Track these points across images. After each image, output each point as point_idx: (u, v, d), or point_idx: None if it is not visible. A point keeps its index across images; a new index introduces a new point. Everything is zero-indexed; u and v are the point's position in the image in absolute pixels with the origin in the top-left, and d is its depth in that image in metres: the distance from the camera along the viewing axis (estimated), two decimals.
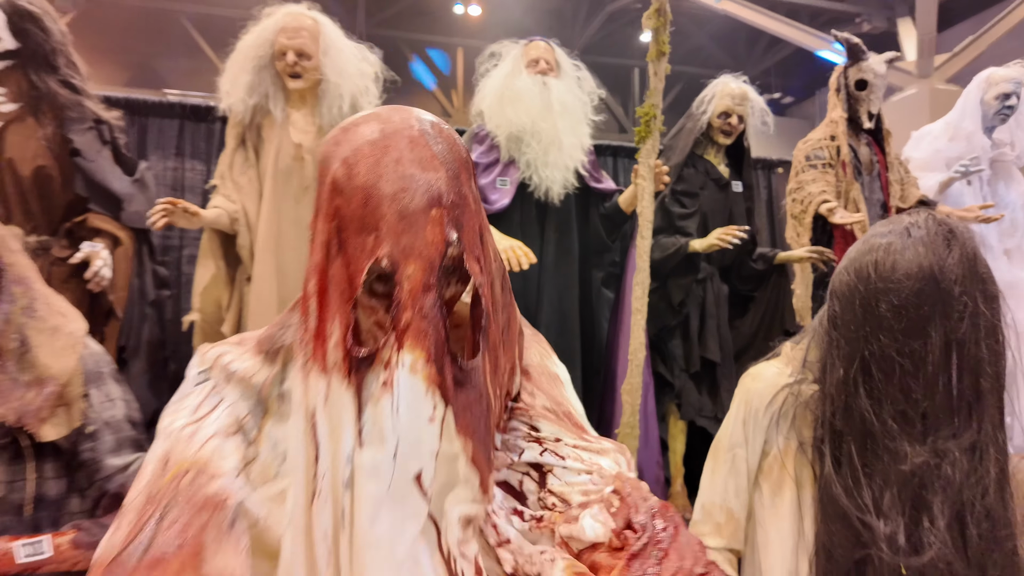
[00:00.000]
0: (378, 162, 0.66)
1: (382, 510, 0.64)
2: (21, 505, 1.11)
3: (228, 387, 0.74)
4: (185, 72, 10.19)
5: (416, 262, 0.66)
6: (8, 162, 1.75)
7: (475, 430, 0.73)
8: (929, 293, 0.99)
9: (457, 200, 0.68)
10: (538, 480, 0.81)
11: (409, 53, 10.54)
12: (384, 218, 0.65)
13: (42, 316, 1.16)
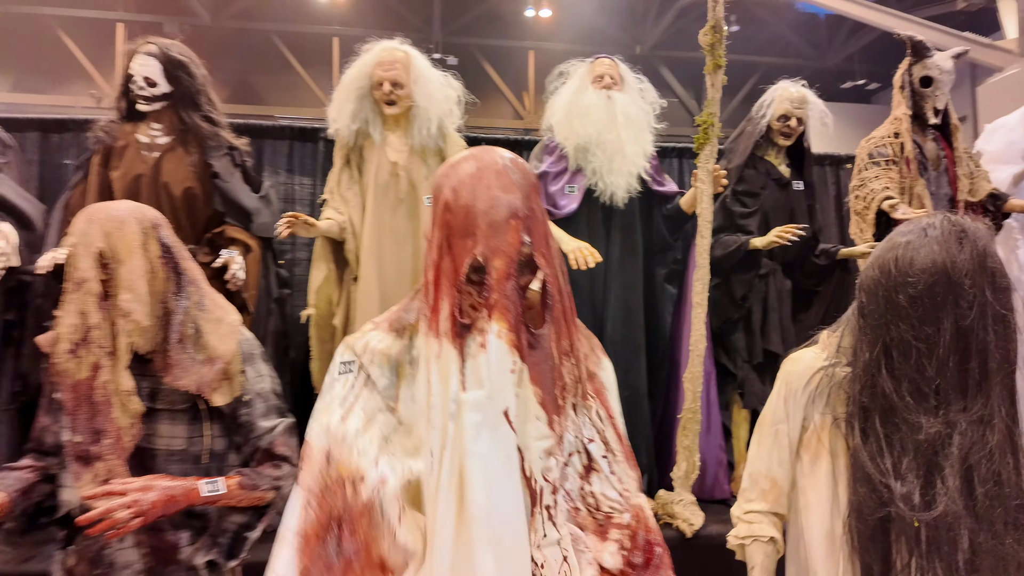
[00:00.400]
0: (475, 188, 0.95)
1: (482, 432, 0.91)
2: (199, 456, 1.45)
3: (372, 366, 1.02)
4: (278, 87, 10.97)
5: (501, 258, 0.94)
6: (164, 185, 2.16)
7: (543, 381, 1.00)
8: (942, 285, 1.14)
9: (528, 213, 0.96)
10: (586, 465, 1.05)
11: (483, 59, 10.88)
12: (479, 227, 0.94)
13: (209, 309, 1.50)
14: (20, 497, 1.43)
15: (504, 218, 0.94)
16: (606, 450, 1.05)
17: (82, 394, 1.32)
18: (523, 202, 0.97)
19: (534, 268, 1.01)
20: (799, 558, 1.38)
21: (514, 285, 0.95)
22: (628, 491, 1.05)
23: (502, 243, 0.94)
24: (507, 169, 0.98)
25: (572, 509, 1.02)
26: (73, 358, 1.33)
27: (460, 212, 0.95)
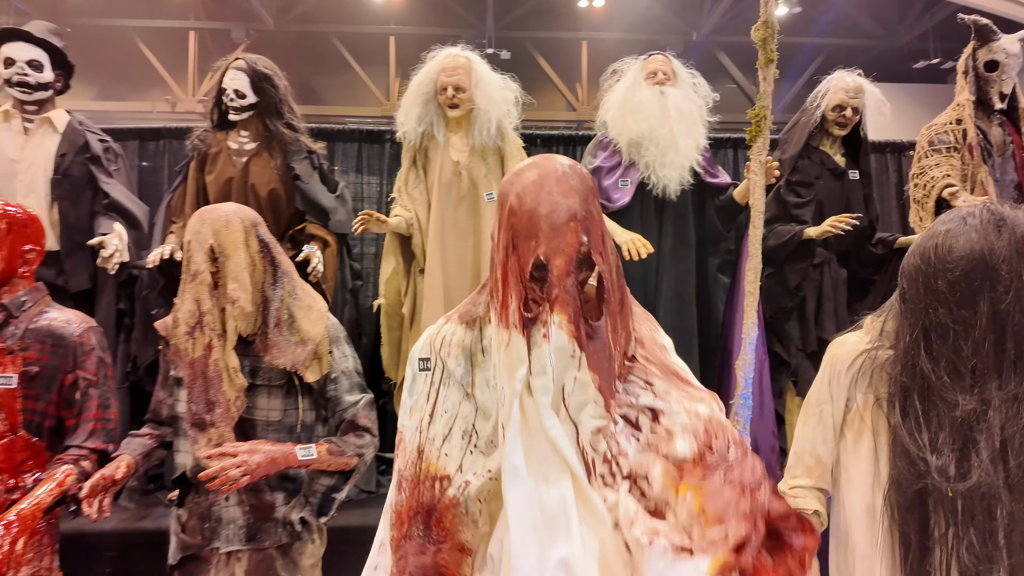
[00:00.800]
0: (537, 194, 1.06)
1: (547, 412, 1.04)
2: (293, 426, 1.66)
3: (449, 359, 1.18)
4: (337, 87, 11.38)
5: (561, 257, 1.05)
6: (251, 186, 2.40)
7: (600, 368, 1.11)
8: (979, 271, 1.22)
9: (586, 215, 1.07)
10: (651, 418, 1.14)
11: (535, 51, 10.96)
12: (541, 229, 1.05)
13: (301, 297, 1.71)
14: (143, 460, 1.68)
15: (564, 221, 1.05)
16: (657, 396, 1.13)
17: (198, 370, 1.55)
18: (581, 205, 1.07)
19: (592, 265, 1.12)
20: (840, 530, 1.47)
21: (573, 281, 1.06)
22: (695, 411, 1.11)
23: (562, 244, 1.05)
24: (566, 175, 1.08)
25: (643, 447, 1.10)
26: (190, 339, 1.55)
27: (524, 216, 1.06)
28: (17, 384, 1.68)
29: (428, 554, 1.14)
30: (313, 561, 1.71)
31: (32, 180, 2.38)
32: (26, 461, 1.69)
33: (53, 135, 2.44)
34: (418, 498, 1.15)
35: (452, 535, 1.13)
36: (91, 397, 1.76)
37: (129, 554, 2.09)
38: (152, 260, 2.22)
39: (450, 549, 1.13)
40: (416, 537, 1.14)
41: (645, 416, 1.14)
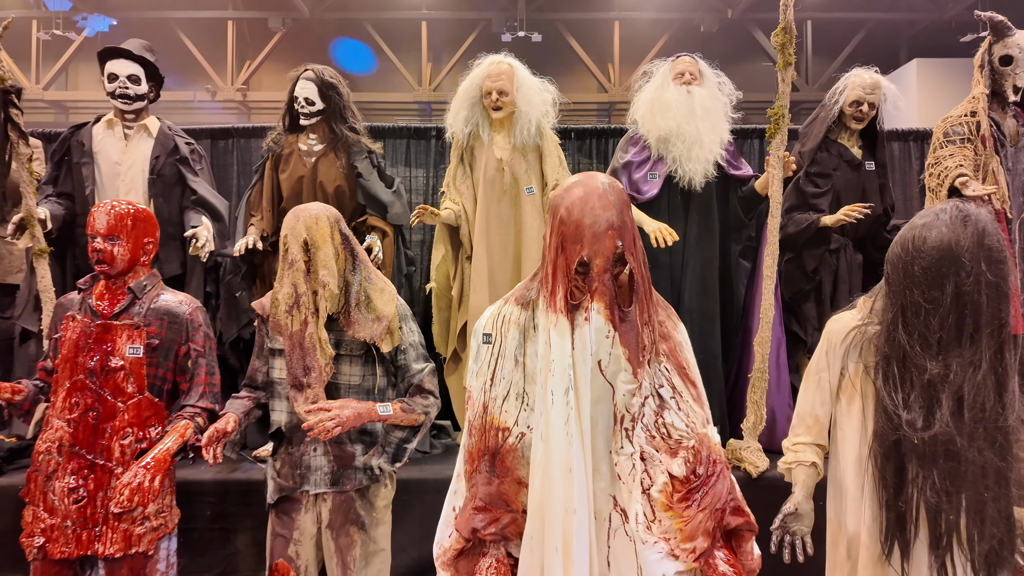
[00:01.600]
0: (583, 208, 1.39)
1: (586, 381, 1.38)
2: (370, 389, 2.02)
3: (508, 333, 1.52)
4: (371, 74, 11.72)
5: (600, 258, 1.39)
6: (319, 184, 2.76)
7: (629, 344, 1.44)
8: (947, 259, 1.50)
9: (621, 224, 1.40)
10: (658, 406, 1.48)
11: (567, 33, 11.08)
12: (585, 236, 1.38)
13: (375, 282, 2.05)
14: (244, 417, 2.05)
15: (604, 229, 1.38)
16: (673, 392, 1.48)
17: (296, 341, 1.91)
18: (617, 216, 1.39)
19: (624, 263, 1.45)
20: (836, 479, 1.77)
21: (609, 276, 1.40)
22: (694, 423, 1.47)
23: (602, 247, 1.38)
24: (606, 192, 1.41)
25: (649, 436, 1.46)
26: (289, 316, 1.91)
27: (572, 225, 1.39)
28: (142, 354, 2.07)
29: (493, 485, 1.48)
30: (385, 503, 2.07)
31: (132, 180, 2.78)
32: (150, 418, 2.09)
33: (148, 140, 2.83)
34: (485, 443, 1.50)
35: (511, 471, 1.48)
36: (200, 365, 2.15)
37: (224, 500, 2.49)
38: (239, 249, 2.60)
39: (510, 482, 1.48)
40: (484, 472, 1.49)
41: (655, 401, 1.49)
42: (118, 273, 2.09)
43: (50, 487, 2.02)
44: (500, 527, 1.45)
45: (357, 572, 1.97)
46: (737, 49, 11.26)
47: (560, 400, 1.39)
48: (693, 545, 1.35)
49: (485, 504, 1.46)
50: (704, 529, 1.36)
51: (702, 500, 1.39)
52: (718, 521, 1.38)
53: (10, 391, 2.05)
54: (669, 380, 1.50)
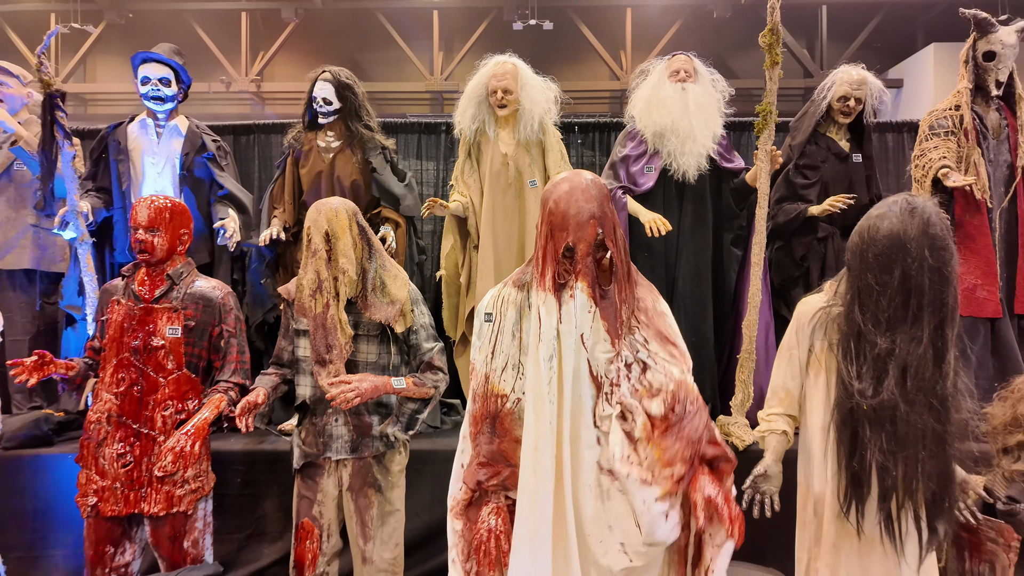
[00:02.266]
0: (568, 200, 1.62)
1: (571, 351, 1.61)
2: (385, 366, 2.26)
3: (506, 312, 1.75)
4: (383, 63, 11.93)
5: (583, 244, 1.61)
6: (337, 178, 3.00)
7: (609, 318, 1.67)
8: (895, 247, 1.71)
9: (601, 215, 1.63)
10: (641, 369, 1.69)
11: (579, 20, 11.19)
12: (570, 224, 1.61)
13: (388, 269, 2.29)
14: (272, 391, 2.31)
15: (586, 219, 1.61)
16: (650, 355, 1.69)
17: (319, 322, 2.16)
18: (598, 208, 1.62)
19: (605, 249, 1.68)
20: (805, 445, 2.00)
21: (591, 260, 1.63)
22: (672, 373, 1.66)
23: (584, 234, 1.61)
24: (588, 187, 1.64)
25: (632, 390, 1.66)
26: (313, 299, 2.16)
27: (559, 215, 1.62)
28: (180, 334, 2.33)
29: (494, 444, 1.72)
30: (400, 468, 2.32)
31: (164, 175, 3.04)
32: (188, 392, 2.35)
33: (178, 138, 3.09)
34: (486, 408, 1.74)
35: (510, 432, 1.72)
36: (232, 345, 2.41)
37: (253, 468, 2.77)
38: (264, 239, 2.86)
39: (509, 441, 1.72)
40: (486, 432, 1.73)
41: (638, 366, 1.71)
42: (157, 261, 2.35)
43: (101, 453, 2.29)
44: (501, 479, 1.70)
45: (375, 530, 2.23)
46: (750, 35, 11.25)
47: (544, 365, 1.62)
48: (672, 471, 1.55)
49: (487, 460, 1.71)
50: (682, 456, 1.55)
51: (679, 432, 1.58)
52: (695, 450, 1.57)
53: (64, 367, 2.32)
54: (646, 346, 1.70)
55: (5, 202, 3.09)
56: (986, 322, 3.00)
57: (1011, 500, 1.92)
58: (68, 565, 2.68)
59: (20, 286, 3.10)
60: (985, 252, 2.99)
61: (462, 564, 1.76)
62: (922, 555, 1.74)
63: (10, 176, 3.10)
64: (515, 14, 10.59)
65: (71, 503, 2.65)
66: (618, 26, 11.26)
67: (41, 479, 2.72)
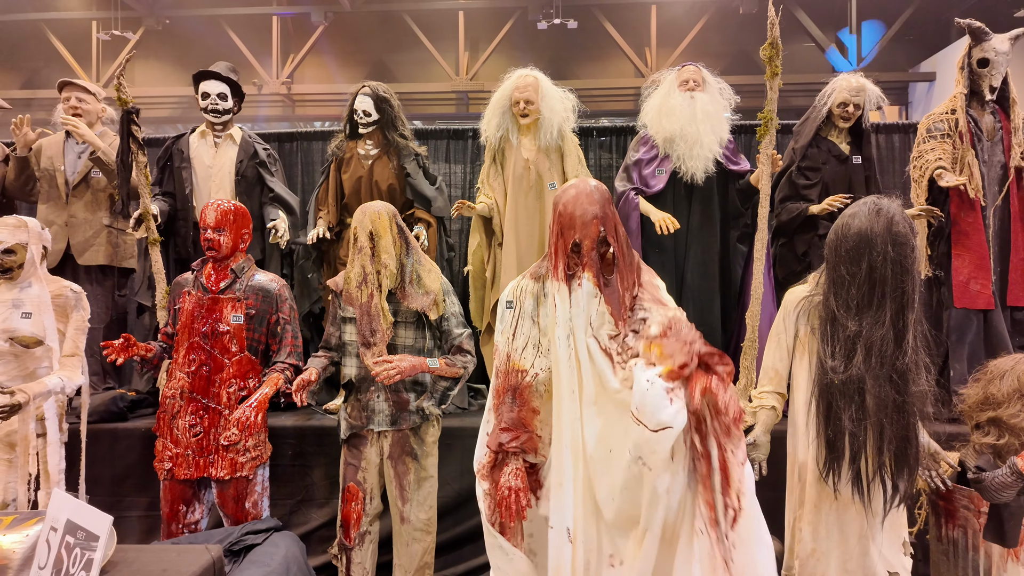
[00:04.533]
0: (575, 203, 1.97)
1: (581, 330, 1.96)
2: (421, 348, 2.62)
3: (525, 300, 2.09)
4: (409, 64, 12.34)
5: (588, 239, 1.97)
6: (375, 183, 3.38)
7: (612, 303, 2.01)
8: (863, 242, 2.01)
9: (603, 215, 1.97)
10: (644, 324, 2.00)
11: (603, 18, 11.43)
12: (576, 224, 1.96)
13: (423, 263, 2.65)
14: (322, 371, 2.68)
15: (590, 219, 1.94)
16: (647, 314, 1.97)
17: (364, 310, 2.52)
18: (600, 210, 1.96)
19: (608, 244, 2.01)
20: (791, 419, 2.32)
21: (596, 254, 1.96)
22: (665, 313, 1.89)
23: (589, 232, 1.94)
24: (592, 192, 1.98)
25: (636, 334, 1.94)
26: (359, 290, 2.53)
27: (567, 216, 1.96)
28: (243, 321, 2.72)
29: (514, 412, 2.06)
30: (433, 439, 2.68)
31: (221, 181, 3.44)
32: (249, 372, 2.74)
33: (233, 146, 3.50)
34: (508, 382, 2.09)
35: (528, 403, 2.06)
36: (287, 331, 2.79)
37: (302, 442, 3.16)
38: (311, 238, 3.25)
39: (527, 410, 2.06)
40: (507, 403, 2.08)
41: (642, 324, 2.00)
42: (223, 257, 2.74)
43: (175, 424, 2.70)
44: (520, 442, 2.02)
45: (411, 493, 2.59)
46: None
47: (563, 343, 1.97)
48: (671, 361, 1.71)
49: (508, 426, 2.05)
50: (680, 350, 1.70)
51: (676, 336, 1.74)
52: (691, 350, 1.71)
53: (144, 349, 2.73)
54: (646, 308, 1.98)
55: (84, 206, 3.53)
56: (979, 314, 3.25)
57: (979, 469, 2.20)
58: (142, 526, 3.10)
59: (96, 280, 3.54)
60: (978, 248, 3.24)
61: (489, 517, 2.10)
62: (887, 508, 2.04)
63: (88, 183, 3.54)
64: (540, 13, 10.90)
65: (144, 471, 3.08)
66: (643, 23, 11.48)
67: (118, 450, 3.14)
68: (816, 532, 2.18)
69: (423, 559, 2.59)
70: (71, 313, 2.79)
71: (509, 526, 2.04)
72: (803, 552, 2.22)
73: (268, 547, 2.45)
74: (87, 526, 1.39)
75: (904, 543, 2.18)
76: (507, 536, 2.01)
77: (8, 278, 2.69)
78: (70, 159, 3.52)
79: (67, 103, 3.47)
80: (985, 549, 2.30)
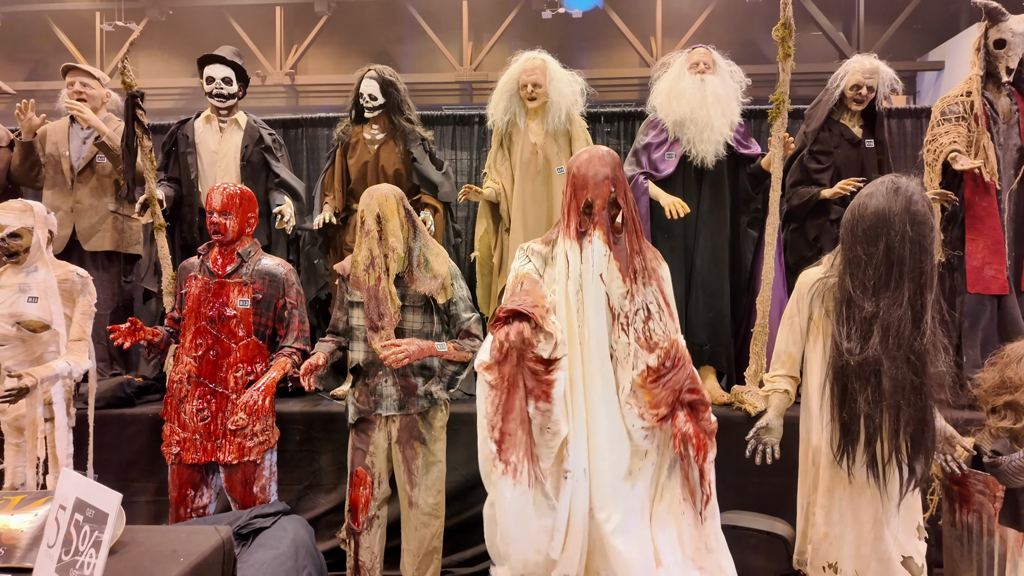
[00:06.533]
0: (588, 165, 2.07)
1: (591, 286, 2.02)
2: (429, 333, 2.60)
3: (533, 258, 2.17)
4: (413, 55, 12.27)
5: (599, 199, 2.06)
6: (381, 167, 3.34)
7: (620, 260, 2.09)
8: (881, 222, 1.97)
9: (614, 177, 2.07)
10: (646, 316, 2.10)
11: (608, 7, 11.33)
12: (589, 184, 2.07)
13: (431, 247, 2.63)
14: (329, 356, 2.66)
15: (602, 180, 2.08)
16: (658, 308, 2.12)
17: (372, 294, 2.50)
18: (611, 172, 2.10)
19: (618, 206, 2.11)
20: (805, 401, 2.29)
21: (607, 213, 2.09)
22: (668, 331, 2.12)
23: (600, 192, 2.08)
24: (604, 156, 2.12)
25: (637, 337, 2.09)
26: (366, 273, 2.50)
27: (580, 177, 2.10)
28: (250, 305, 2.70)
29: (521, 295, 2.06)
30: (441, 424, 2.66)
31: (227, 166, 3.42)
32: (256, 356, 2.72)
33: (238, 131, 3.47)
34: (518, 280, 2.16)
35: (540, 294, 2.09)
36: (294, 316, 2.77)
37: (310, 427, 3.15)
38: (317, 223, 3.22)
39: (538, 294, 2.08)
40: (517, 288, 2.12)
41: (644, 312, 2.13)
42: (229, 241, 2.72)
43: (182, 408, 2.68)
44: (527, 306, 1.97)
45: (420, 478, 2.58)
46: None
47: (573, 297, 2.08)
48: (656, 411, 2.05)
49: (514, 301, 2.01)
50: (665, 401, 2.04)
51: (666, 382, 2.04)
52: (676, 396, 2.04)
53: (151, 334, 2.71)
54: (656, 300, 2.14)
55: (89, 191, 3.51)
56: (993, 299, 3.21)
57: (995, 453, 2.17)
58: (151, 511, 3.09)
59: (102, 266, 3.52)
60: (993, 232, 3.19)
61: (491, 420, 2.04)
62: (903, 492, 2.01)
63: (93, 168, 3.52)
64: (544, 2, 10.82)
65: (152, 456, 3.07)
66: (648, 13, 11.38)
67: (125, 435, 3.13)
68: (829, 516, 2.16)
69: (431, 543, 2.57)
70: (78, 298, 2.77)
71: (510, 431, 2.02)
72: (816, 536, 2.19)
73: (276, 531, 2.44)
74: (96, 504, 1.37)
75: (919, 527, 2.15)
76: (504, 445, 2.01)
77: (14, 262, 2.67)
78: (75, 144, 3.50)
79: (71, 88, 3.45)
80: (1000, 534, 2.28)
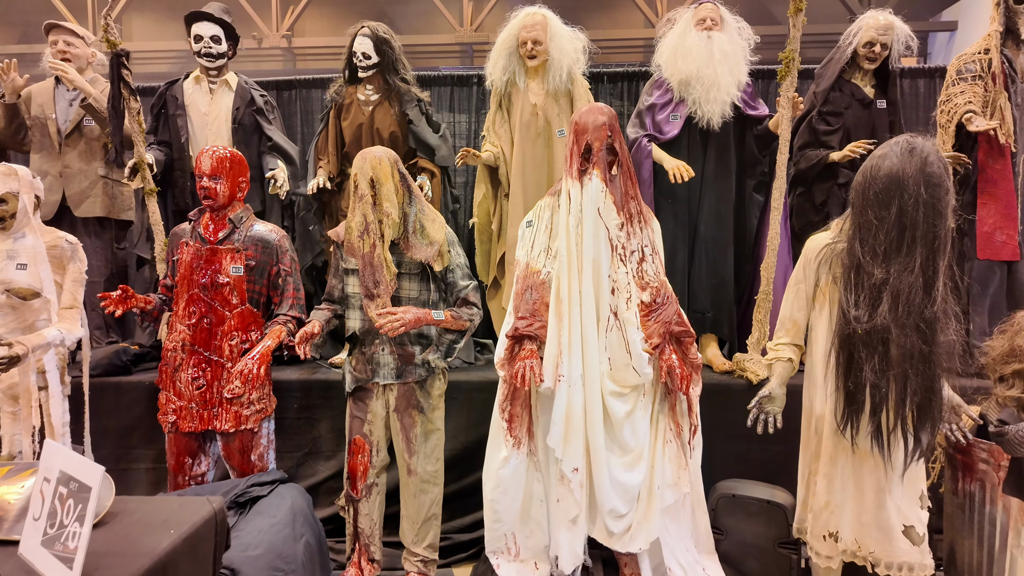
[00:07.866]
0: (588, 114, 2.21)
1: (590, 219, 2.17)
2: (426, 301, 2.54)
3: (543, 215, 2.42)
4: (412, 15, 11.94)
5: (598, 142, 2.23)
6: (376, 130, 3.24)
7: (615, 196, 2.24)
8: (894, 184, 1.89)
9: (611, 125, 2.22)
10: (640, 260, 2.32)
11: None
12: (588, 128, 2.23)
13: (427, 213, 2.54)
14: (325, 324, 2.61)
15: (600, 125, 2.33)
16: (651, 252, 2.41)
17: (367, 260, 2.43)
18: (608, 119, 2.35)
19: (615, 152, 2.37)
20: (809, 369, 2.23)
21: (604, 155, 2.35)
22: (658, 272, 2.42)
23: (599, 135, 2.33)
24: (603, 107, 2.38)
25: (633, 276, 2.33)
26: (360, 240, 2.43)
27: (581, 124, 2.36)
28: (243, 272, 2.63)
29: (530, 304, 2.38)
30: (439, 393, 2.62)
31: (218, 128, 3.31)
32: (251, 324, 2.67)
33: (229, 93, 3.36)
34: (526, 283, 2.39)
35: (542, 297, 2.36)
36: (288, 283, 2.71)
37: (307, 395, 3.11)
38: (311, 188, 3.13)
39: (541, 304, 2.36)
40: (526, 299, 2.37)
41: (639, 254, 2.37)
42: (220, 206, 2.64)
43: (177, 377, 2.64)
44: (534, 328, 2.36)
45: (418, 446, 2.55)
46: None
47: (573, 231, 2.32)
48: (651, 342, 2.34)
49: (525, 315, 2.38)
50: (657, 333, 2.34)
51: (658, 316, 2.35)
52: (667, 328, 2.36)
53: (143, 301, 2.65)
54: (651, 244, 2.42)
55: (77, 155, 3.41)
56: (1003, 265, 3.13)
57: (1001, 423, 2.12)
58: (150, 478, 3.08)
59: (94, 232, 3.45)
60: (1006, 197, 3.10)
61: (501, 403, 2.48)
62: (907, 462, 1.97)
63: (81, 131, 3.42)
64: None
65: (150, 424, 3.04)
66: None
67: (123, 403, 3.10)
68: (831, 485, 2.12)
69: (430, 510, 2.56)
70: (68, 264, 2.71)
71: (517, 414, 2.44)
72: (817, 505, 2.17)
73: (274, 498, 2.42)
74: (80, 477, 1.33)
75: (921, 496, 2.12)
76: (512, 424, 2.43)
77: (1, 228, 2.60)
78: (61, 107, 3.39)
79: (55, 47, 3.33)
80: (1004, 503, 2.24)
